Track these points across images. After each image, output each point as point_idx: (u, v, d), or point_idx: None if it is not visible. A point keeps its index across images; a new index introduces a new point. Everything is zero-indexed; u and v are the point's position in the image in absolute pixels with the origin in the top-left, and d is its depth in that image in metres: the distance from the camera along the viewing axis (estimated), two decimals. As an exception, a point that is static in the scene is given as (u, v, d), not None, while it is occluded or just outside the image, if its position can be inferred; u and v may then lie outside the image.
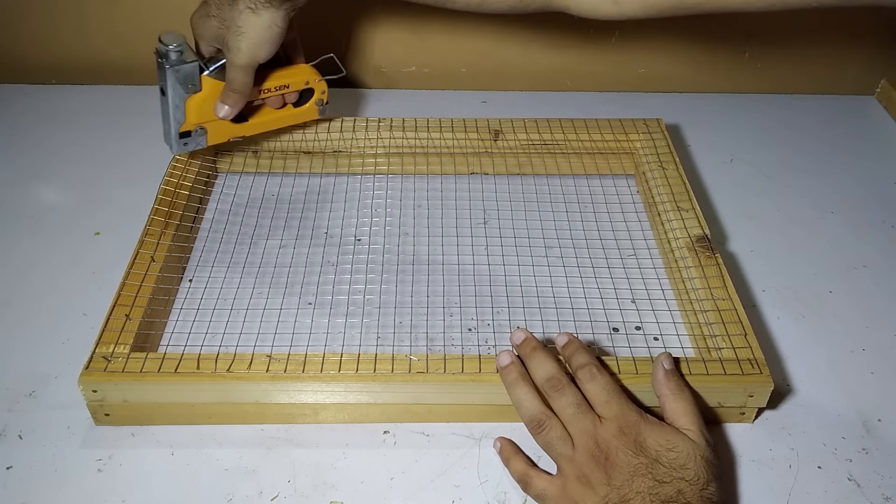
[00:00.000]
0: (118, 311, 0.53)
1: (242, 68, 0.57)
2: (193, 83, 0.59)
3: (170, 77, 0.57)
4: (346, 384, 0.50)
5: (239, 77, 0.58)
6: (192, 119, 0.61)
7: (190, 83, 0.59)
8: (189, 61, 0.58)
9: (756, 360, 0.51)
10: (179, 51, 0.57)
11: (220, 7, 0.56)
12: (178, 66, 0.57)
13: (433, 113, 0.74)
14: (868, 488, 0.49)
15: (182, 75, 0.58)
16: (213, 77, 0.59)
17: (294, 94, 0.65)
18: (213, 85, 0.60)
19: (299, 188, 0.70)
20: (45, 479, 0.48)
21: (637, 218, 0.68)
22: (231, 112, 0.61)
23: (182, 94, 0.59)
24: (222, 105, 0.60)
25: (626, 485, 0.42)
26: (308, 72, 0.65)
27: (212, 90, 0.60)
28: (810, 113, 0.86)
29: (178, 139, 0.61)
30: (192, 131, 0.61)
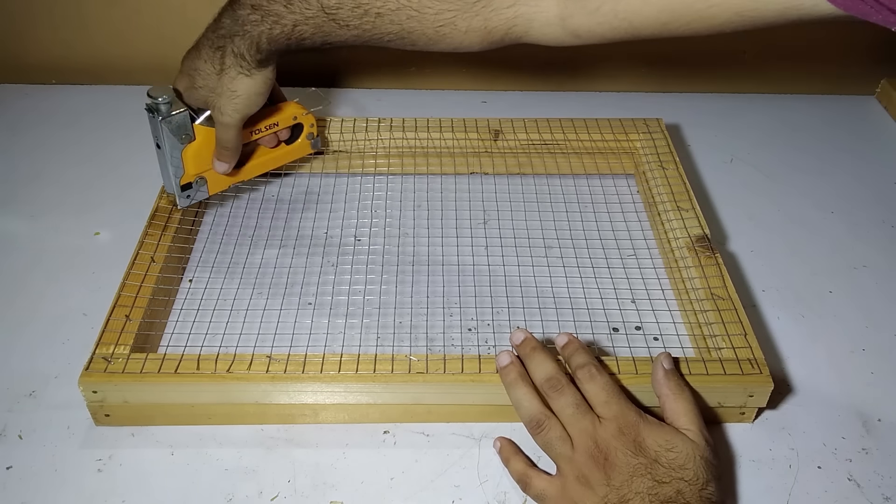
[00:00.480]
0: (118, 311, 0.53)
1: (235, 127, 0.58)
2: (187, 132, 0.59)
3: (164, 129, 0.58)
4: (346, 384, 0.50)
5: (232, 135, 0.59)
6: (191, 170, 0.61)
7: (183, 133, 0.59)
8: (179, 111, 0.58)
9: (756, 359, 0.51)
10: (169, 102, 0.57)
11: (205, 79, 0.56)
12: (169, 118, 0.57)
13: (433, 113, 0.74)
14: (868, 488, 0.49)
15: (175, 126, 0.58)
16: (205, 125, 0.59)
17: (285, 132, 0.66)
18: (205, 133, 0.60)
19: (299, 188, 0.70)
20: (45, 479, 0.48)
21: (637, 218, 0.68)
22: (229, 168, 0.61)
23: (178, 145, 0.59)
24: (219, 163, 0.61)
25: (626, 485, 0.42)
26: (294, 108, 0.65)
27: (205, 138, 0.60)
28: (810, 113, 0.86)
29: (181, 192, 0.62)
30: (192, 183, 0.62)
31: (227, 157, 0.60)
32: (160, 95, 0.57)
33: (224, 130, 0.58)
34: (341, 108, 0.84)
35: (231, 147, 0.60)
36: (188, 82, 0.58)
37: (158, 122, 0.57)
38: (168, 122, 0.57)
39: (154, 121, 0.58)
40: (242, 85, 0.55)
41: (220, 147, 0.60)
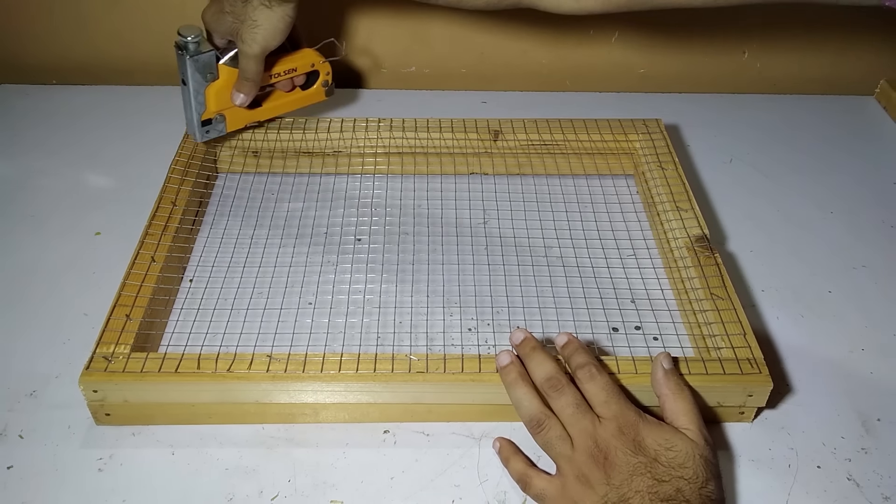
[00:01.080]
0: (118, 311, 0.53)
1: (255, 57, 0.61)
2: (211, 71, 0.63)
3: (190, 66, 0.61)
4: (346, 384, 0.50)
5: (252, 66, 0.62)
6: (212, 107, 0.65)
7: (208, 72, 0.62)
8: (206, 51, 0.61)
9: (755, 359, 0.51)
10: (197, 42, 0.61)
11: (233, 4, 0.59)
12: (197, 56, 0.61)
13: (433, 113, 0.75)
14: (868, 488, 0.49)
15: (201, 64, 0.62)
16: (228, 65, 0.63)
17: (301, 77, 0.69)
18: (228, 72, 0.63)
19: (299, 188, 0.70)
20: (45, 479, 0.48)
21: (636, 218, 0.68)
22: (246, 99, 0.65)
23: (202, 82, 0.63)
24: (238, 93, 0.64)
25: (626, 484, 0.43)
26: (312, 55, 0.68)
27: (228, 77, 0.64)
28: (810, 113, 0.86)
29: (201, 127, 0.65)
30: (212, 119, 0.65)
31: (247, 88, 0.64)
32: (190, 34, 0.61)
33: (246, 60, 0.62)
34: (341, 108, 0.84)
35: (251, 78, 0.63)
36: (217, 7, 0.61)
37: (186, 59, 0.61)
38: (195, 60, 0.61)
39: (182, 58, 0.61)
40: (262, 16, 0.59)
41: (241, 78, 0.63)
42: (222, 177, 0.72)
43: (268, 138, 0.71)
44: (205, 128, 0.66)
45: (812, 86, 0.90)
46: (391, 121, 0.72)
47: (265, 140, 0.71)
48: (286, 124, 0.72)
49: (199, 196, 0.67)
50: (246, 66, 0.62)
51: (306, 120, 0.72)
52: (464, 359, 0.50)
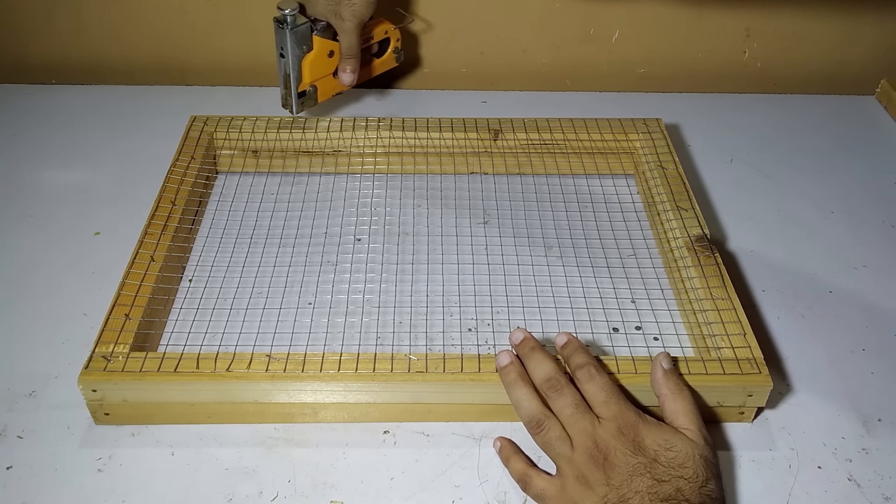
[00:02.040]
0: (118, 310, 0.53)
1: (356, 30, 0.67)
2: (307, 43, 0.66)
3: (290, 39, 0.65)
4: (346, 383, 0.50)
5: (354, 40, 0.68)
6: (307, 78, 0.69)
7: (304, 44, 0.66)
8: (302, 23, 0.65)
9: (755, 359, 0.51)
10: (294, 14, 0.65)
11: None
12: (295, 29, 0.65)
13: (433, 113, 0.75)
14: (868, 488, 0.49)
15: (299, 36, 0.65)
16: (320, 36, 0.67)
17: (375, 46, 0.74)
18: (321, 44, 0.67)
19: (299, 188, 0.70)
20: (45, 479, 0.48)
21: (637, 218, 0.68)
22: (354, 77, 0.70)
23: (299, 54, 0.67)
24: (346, 72, 0.70)
25: (625, 484, 0.42)
26: (384, 24, 0.73)
27: (320, 49, 0.68)
28: (810, 113, 0.86)
29: (298, 99, 0.69)
30: (306, 91, 0.70)
31: (352, 64, 0.69)
32: (287, 7, 0.64)
33: (348, 36, 0.67)
34: (341, 109, 0.84)
35: (353, 54, 0.69)
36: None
37: (287, 31, 0.64)
38: (294, 32, 0.65)
39: (281, 31, 0.65)
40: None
41: (345, 58, 0.69)
42: (222, 176, 0.72)
43: (268, 138, 0.71)
44: (300, 99, 0.69)
45: (812, 86, 0.90)
46: (391, 120, 0.72)
47: (265, 140, 0.71)
48: (286, 124, 0.72)
49: (199, 196, 0.67)
50: (349, 41, 0.68)
51: (306, 120, 0.72)
52: (463, 359, 0.50)
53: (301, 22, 0.65)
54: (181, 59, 0.88)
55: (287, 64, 0.67)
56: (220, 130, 0.71)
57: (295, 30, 0.65)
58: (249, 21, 0.85)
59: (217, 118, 0.72)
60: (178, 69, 0.89)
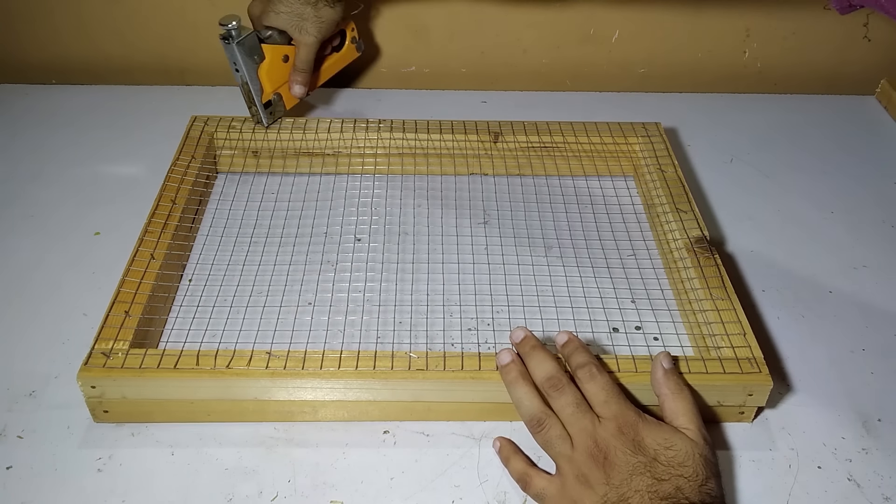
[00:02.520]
0: (117, 307, 0.53)
1: (315, 45, 0.69)
2: (258, 53, 0.66)
3: (239, 52, 0.65)
4: (346, 381, 0.50)
5: (311, 55, 0.69)
6: (268, 87, 0.69)
7: (255, 53, 0.66)
8: (247, 34, 0.65)
9: (755, 359, 0.51)
10: (238, 28, 0.64)
11: (290, 6, 0.67)
12: (242, 40, 0.65)
13: (433, 113, 0.75)
14: (868, 488, 0.49)
15: (247, 47, 0.65)
16: (270, 43, 0.67)
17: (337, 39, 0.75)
18: (272, 51, 0.67)
19: (299, 188, 0.70)
20: (45, 479, 0.48)
21: (636, 219, 0.68)
22: (305, 90, 0.71)
23: (252, 65, 0.66)
24: (296, 85, 0.70)
25: (625, 483, 0.42)
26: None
27: (273, 56, 0.68)
28: (810, 113, 0.86)
29: (265, 110, 0.69)
30: (271, 100, 0.70)
31: (303, 77, 0.70)
32: (228, 22, 0.64)
33: (307, 50, 0.69)
34: (341, 109, 0.84)
35: (306, 69, 0.70)
36: (269, 7, 0.67)
37: (234, 45, 0.64)
38: (241, 44, 0.65)
39: (229, 46, 0.65)
40: (327, 13, 0.68)
41: (298, 71, 0.70)
42: (222, 176, 0.72)
43: (268, 138, 0.71)
44: (268, 110, 0.69)
45: (812, 86, 0.90)
46: (391, 121, 0.72)
47: (265, 140, 0.71)
48: (286, 124, 0.72)
49: (199, 195, 0.67)
50: (307, 56, 0.69)
51: (306, 120, 0.72)
52: (464, 357, 0.50)
53: (246, 33, 0.65)
54: (181, 59, 0.88)
55: (243, 77, 0.67)
56: (220, 130, 0.71)
57: (241, 42, 0.64)
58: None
59: (217, 118, 0.72)
60: (178, 69, 0.89)
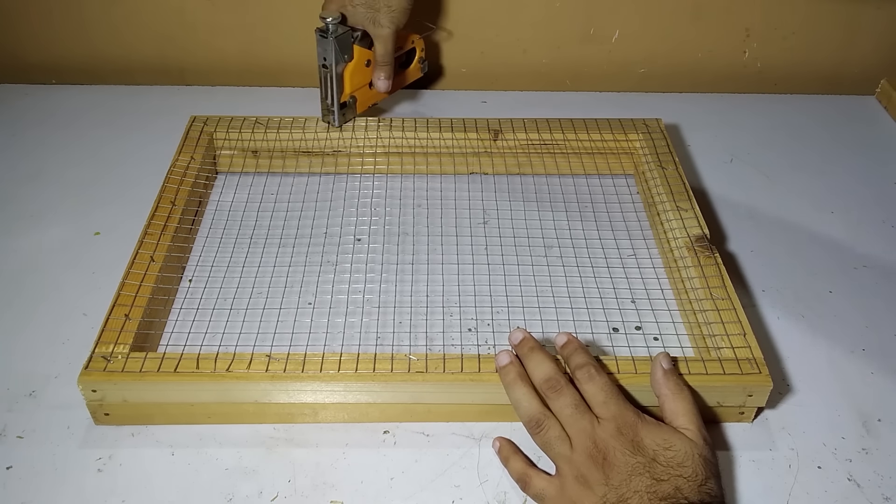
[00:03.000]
0: (118, 310, 0.53)
1: (392, 36, 0.69)
2: (348, 52, 0.67)
3: (335, 46, 0.65)
4: (346, 384, 0.50)
5: (389, 46, 0.69)
6: (348, 88, 0.69)
7: (346, 53, 0.67)
8: (343, 32, 0.66)
9: (755, 359, 0.51)
10: (337, 23, 0.65)
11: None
12: (339, 36, 0.65)
13: (433, 113, 0.75)
14: (868, 488, 0.49)
15: (341, 45, 0.66)
16: (358, 45, 0.68)
17: (403, 56, 0.75)
18: (360, 53, 0.68)
19: (299, 188, 0.70)
20: (45, 479, 0.48)
21: (637, 218, 0.68)
22: (388, 83, 0.71)
23: (342, 62, 0.67)
24: (381, 80, 0.71)
25: (624, 484, 0.42)
26: (410, 34, 0.74)
27: (359, 58, 0.68)
28: (810, 113, 0.86)
29: (340, 110, 0.70)
30: (346, 101, 0.70)
31: (386, 71, 0.71)
32: (329, 16, 0.65)
33: (383, 42, 0.69)
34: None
35: (389, 62, 0.70)
36: (339, 4, 0.68)
37: (331, 40, 0.65)
38: (337, 40, 0.65)
39: (324, 41, 0.66)
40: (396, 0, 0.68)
41: (380, 65, 0.70)
42: (222, 177, 0.72)
43: (267, 138, 0.71)
44: (342, 111, 0.70)
45: (812, 86, 0.90)
46: (391, 120, 0.72)
47: (265, 140, 0.71)
48: (286, 124, 0.72)
49: (199, 196, 0.67)
50: (385, 48, 0.69)
51: (306, 120, 0.72)
52: (463, 359, 0.50)
53: (342, 31, 0.66)
54: (181, 59, 0.88)
55: (330, 74, 0.67)
56: (220, 130, 0.71)
57: (338, 38, 0.65)
58: (249, 21, 0.85)
59: (217, 118, 0.72)
60: (178, 69, 0.89)
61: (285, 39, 0.87)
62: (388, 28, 0.68)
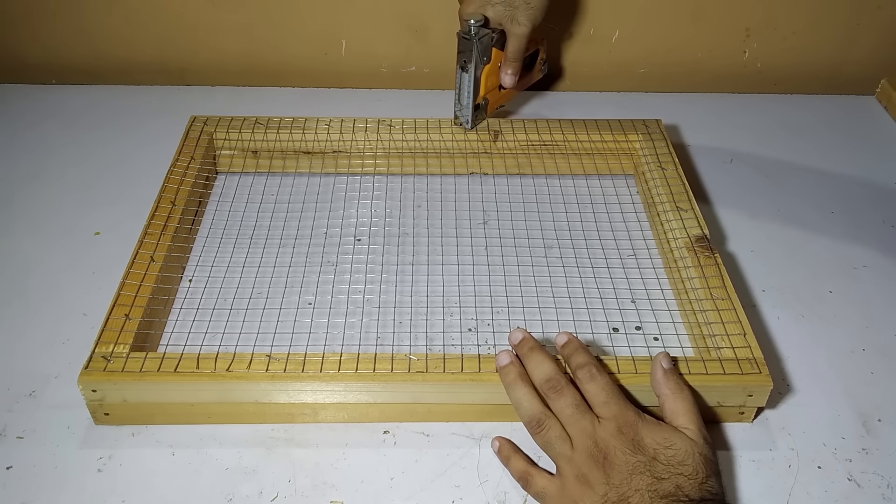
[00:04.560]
0: (118, 310, 0.53)
1: (527, 35, 0.68)
2: (487, 55, 0.67)
3: (477, 49, 0.65)
4: (346, 384, 0.50)
5: (523, 44, 0.68)
6: (482, 91, 0.69)
7: (486, 55, 0.67)
8: (485, 35, 0.66)
9: (755, 359, 0.51)
10: (481, 25, 0.65)
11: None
12: (482, 38, 0.65)
13: (433, 113, 0.75)
14: (868, 488, 0.49)
15: (483, 47, 0.66)
16: (496, 47, 0.67)
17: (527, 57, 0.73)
18: (495, 55, 0.68)
19: (299, 188, 0.70)
20: (45, 479, 0.48)
21: (637, 218, 0.68)
22: (515, 79, 0.70)
23: (480, 65, 0.67)
24: (508, 76, 0.70)
25: (625, 483, 0.43)
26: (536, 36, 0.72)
27: (495, 60, 0.68)
28: (810, 113, 0.86)
29: (474, 112, 0.70)
30: (479, 104, 0.70)
31: (514, 67, 0.70)
32: (472, 18, 0.65)
33: (518, 40, 0.68)
34: (341, 108, 0.84)
35: (519, 59, 0.69)
36: (477, 5, 0.67)
37: (475, 41, 0.65)
38: (481, 42, 0.65)
39: (469, 42, 0.65)
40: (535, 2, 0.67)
41: (509, 62, 0.69)
42: (222, 177, 0.72)
43: (268, 138, 0.71)
44: (475, 113, 0.70)
45: (812, 86, 0.90)
46: (391, 120, 0.72)
47: (265, 140, 0.71)
48: (286, 124, 0.72)
49: (199, 196, 0.67)
50: (518, 45, 0.68)
51: (306, 120, 0.72)
52: (463, 359, 0.50)
53: (484, 33, 0.65)
54: (181, 59, 0.88)
55: (469, 77, 0.67)
56: (220, 130, 0.71)
57: (481, 40, 0.65)
58: (249, 21, 0.85)
59: (217, 118, 0.72)
60: (178, 69, 0.89)
61: (285, 39, 0.87)
62: (526, 26, 0.67)
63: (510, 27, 0.67)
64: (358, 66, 0.89)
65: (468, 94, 0.69)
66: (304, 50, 0.88)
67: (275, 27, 0.86)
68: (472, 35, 0.65)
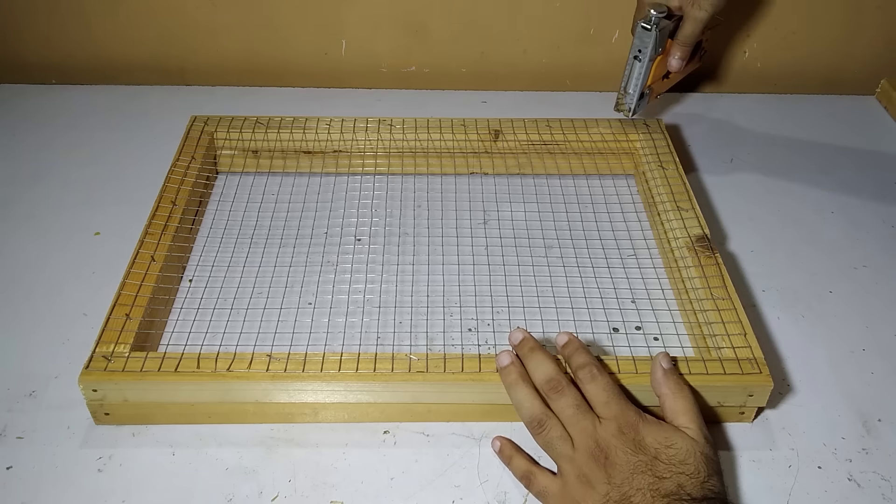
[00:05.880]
0: (118, 310, 0.53)
1: (704, 21, 0.66)
2: (662, 45, 0.66)
3: (654, 39, 0.64)
4: (346, 383, 0.50)
5: (697, 30, 0.67)
6: (650, 80, 0.69)
7: (661, 45, 0.66)
8: (665, 26, 0.65)
9: (756, 359, 0.51)
10: (664, 15, 0.64)
11: None
12: (663, 28, 0.64)
13: (433, 113, 0.75)
14: (868, 488, 0.49)
15: (661, 37, 0.65)
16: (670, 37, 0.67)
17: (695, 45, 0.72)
18: (668, 45, 0.67)
19: (299, 188, 0.70)
20: (45, 479, 0.48)
21: (637, 218, 0.68)
22: (682, 63, 0.70)
23: (654, 55, 0.66)
24: (676, 59, 0.69)
25: (627, 482, 0.43)
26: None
27: (666, 50, 0.67)
28: (810, 113, 0.86)
29: (640, 100, 0.70)
30: (644, 92, 0.70)
31: (684, 52, 0.69)
32: (656, 9, 0.64)
33: (696, 25, 0.67)
34: (341, 108, 0.84)
35: (691, 44, 0.68)
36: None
37: (655, 32, 0.64)
38: (661, 32, 0.65)
39: (648, 32, 0.65)
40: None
41: (680, 45, 0.68)
42: (222, 177, 0.72)
43: (268, 138, 0.71)
44: (640, 101, 0.70)
45: (812, 85, 0.90)
46: (391, 120, 0.72)
47: (265, 140, 0.71)
48: (286, 124, 0.72)
49: (199, 196, 0.67)
50: (694, 29, 0.67)
51: (306, 119, 0.72)
52: (464, 358, 0.50)
53: (664, 24, 0.65)
54: (181, 59, 0.88)
55: (642, 66, 0.67)
56: (220, 130, 0.71)
57: (661, 31, 0.65)
58: (249, 21, 0.85)
59: (217, 118, 0.72)
60: (179, 69, 0.89)
61: (285, 39, 0.87)
62: (707, 12, 0.66)
63: (690, 10, 0.66)
64: (358, 66, 0.89)
65: (636, 83, 0.69)
66: (304, 50, 0.88)
67: (275, 27, 0.86)
68: (652, 25, 0.64)
